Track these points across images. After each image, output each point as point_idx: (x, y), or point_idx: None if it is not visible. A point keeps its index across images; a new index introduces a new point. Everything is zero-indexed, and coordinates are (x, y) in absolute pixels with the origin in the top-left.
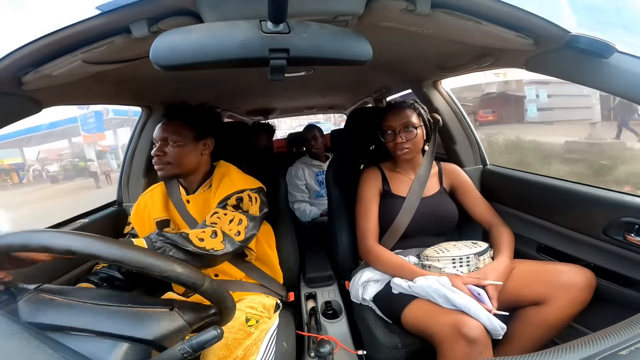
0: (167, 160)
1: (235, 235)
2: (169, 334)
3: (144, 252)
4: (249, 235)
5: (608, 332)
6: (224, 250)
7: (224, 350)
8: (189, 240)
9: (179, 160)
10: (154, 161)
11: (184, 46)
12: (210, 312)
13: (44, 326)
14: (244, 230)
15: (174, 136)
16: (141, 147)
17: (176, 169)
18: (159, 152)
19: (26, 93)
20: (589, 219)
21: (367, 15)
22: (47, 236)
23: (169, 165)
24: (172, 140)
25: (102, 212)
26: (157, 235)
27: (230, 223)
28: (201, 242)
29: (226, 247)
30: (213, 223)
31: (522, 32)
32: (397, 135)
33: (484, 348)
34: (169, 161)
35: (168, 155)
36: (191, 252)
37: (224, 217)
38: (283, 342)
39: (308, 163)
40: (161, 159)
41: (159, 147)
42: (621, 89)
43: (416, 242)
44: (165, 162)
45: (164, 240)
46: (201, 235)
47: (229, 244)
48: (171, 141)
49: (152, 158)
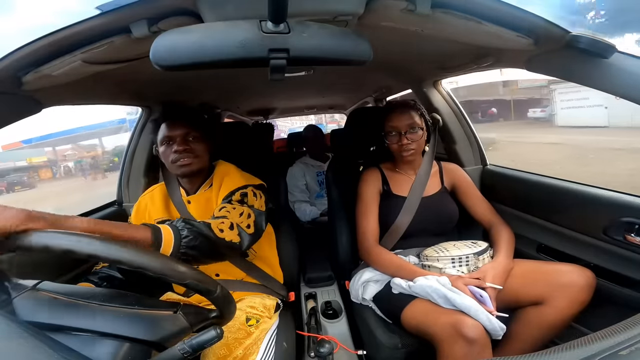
0: (196, 153)
1: (247, 228)
2: (172, 336)
3: (164, 260)
4: (257, 228)
5: (608, 332)
6: (240, 243)
7: (224, 349)
8: (212, 230)
9: (203, 154)
10: (175, 157)
11: (184, 46)
12: (212, 314)
13: (45, 326)
14: (253, 224)
15: (194, 132)
16: (141, 147)
17: (201, 163)
18: (186, 146)
19: (26, 93)
20: (589, 219)
21: (367, 15)
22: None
23: (197, 159)
24: (194, 135)
25: (102, 212)
26: (183, 224)
27: (241, 216)
28: (221, 232)
29: (242, 240)
30: (223, 216)
31: (522, 32)
32: (403, 136)
33: (483, 348)
34: (198, 154)
35: (194, 149)
36: (214, 242)
37: (233, 211)
38: (283, 342)
39: (308, 163)
40: (189, 153)
41: (182, 142)
42: (621, 89)
43: (416, 242)
44: (194, 155)
45: (191, 228)
46: (221, 226)
47: (243, 237)
48: (192, 136)
49: (173, 157)
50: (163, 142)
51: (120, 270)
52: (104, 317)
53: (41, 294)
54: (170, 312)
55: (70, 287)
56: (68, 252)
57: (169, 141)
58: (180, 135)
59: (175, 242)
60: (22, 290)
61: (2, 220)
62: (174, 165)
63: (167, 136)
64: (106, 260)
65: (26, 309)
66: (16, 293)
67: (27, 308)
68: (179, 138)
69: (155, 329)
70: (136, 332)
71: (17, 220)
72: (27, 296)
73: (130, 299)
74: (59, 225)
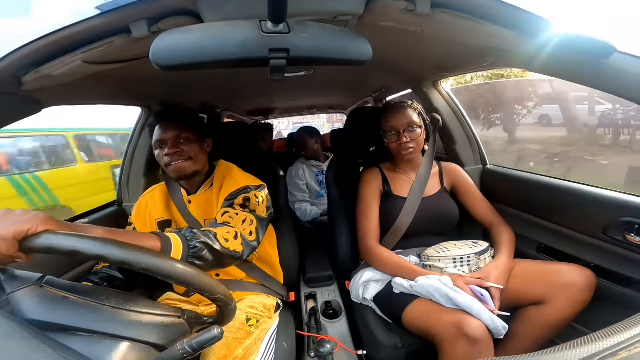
0: (188, 155)
1: (249, 235)
2: (171, 335)
3: (172, 262)
4: (259, 236)
5: (608, 332)
6: (241, 253)
7: (224, 349)
8: (218, 241)
9: (197, 155)
10: (168, 160)
11: (184, 46)
12: (214, 318)
13: (45, 325)
14: (255, 231)
15: (186, 133)
16: (141, 147)
17: (196, 165)
18: (177, 149)
19: (26, 93)
20: (589, 219)
21: (367, 15)
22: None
23: (190, 161)
24: (185, 137)
25: (102, 212)
26: (192, 234)
27: (244, 223)
28: (226, 242)
29: (244, 249)
30: (226, 222)
31: (522, 32)
32: (402, 135)
33: (485, 348)
34: (191, 156)
35: (187, 151)
36: (219, 252)
37: (236, 217)
38: (283, 342)
39: (308, 163)
40: (181, 155)
41: (174, 145)
42: (621, 89)
43: (417, 242)
44: (187, 157)
45: (198, 239)
46: (226, 235)
47: (246, 246)
48: (184, 138)
49: (165, 160)
50: (156, 146)
51: (120, 270)
52: (104, 317)
53: (48, 290)
54: (177, 317)
55: (76, 285)
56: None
57: (161, 145)
58: (171, 138)
59: (183, 252)
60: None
61: (20, 223)
62: (168, 168)
63: (159, 140)
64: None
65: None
66: (11, 288)
67: (33, 304)
68: (170, 141)
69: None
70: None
71: (35, 224)
72: (31, 291)
73: (139, 301)
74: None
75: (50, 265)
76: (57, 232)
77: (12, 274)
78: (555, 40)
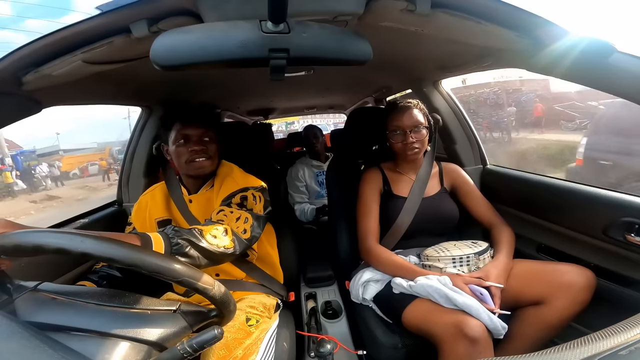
0: (210, 154)
1: (242, 233)
2: (171, 335)
3: (159, 257)
4: (254, 234)
5: (608, 332)
6: (233, 250)
7: (224, 349)
8: (204, 237)
9: (215, 155)
10: (192, 157)
11: (184, 46)
12: (212, 314)
13: (45, 326)
14: (249, 229)
15: (210, 132)
16: (141, 147)
17: (213, 165)
18: (202, 146)
19: (26, 93)
20: (589, 219)
21: (367, 15)
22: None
23: (210, 160)
24: (210, 135)
25: (102, 212)
26: (174, 232)
27: (237, 221)
28: (214, 239)
29: (235, 246)
30: (220, 220)
31: (522, 32)
32: (408, 135)
33: (485, 348)
34: (211, 155)
35: (209, 150)
36: (206, 249)
37: (231, 215)
38: (283, 342)
39: (308, 163)
40: (205, 153)
41: (199, 142)
42: (621, 89)
43: (417, 242)
44: (209, 156)
45: (180, 236)
46: (214, 232)
47: (238, 243)
48: (209, 137)
49: (188, 156)
50: (177, 140)
51: (119, 269)
52: (104, 317)
53: (42, 294)
54: (170, 311)
55: (69, 288)
56: (59, 250)
57: (185, 139)
58: (197, 134)
59: (165, 249)
60: (22, 290)
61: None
62: (188, 164)
63: (184, 134)
64: (99, 258)
65: (27, 309)
66: (17, 294)
67: (28, 308)
68: (196, 137)
69: (154, 329)
70: (135, 332)
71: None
72: (28, 297)
73: (130, 299)
74: None
75: (50, 266)
76: (19, 232)
77: (18, 284)
78: (555, 40)
